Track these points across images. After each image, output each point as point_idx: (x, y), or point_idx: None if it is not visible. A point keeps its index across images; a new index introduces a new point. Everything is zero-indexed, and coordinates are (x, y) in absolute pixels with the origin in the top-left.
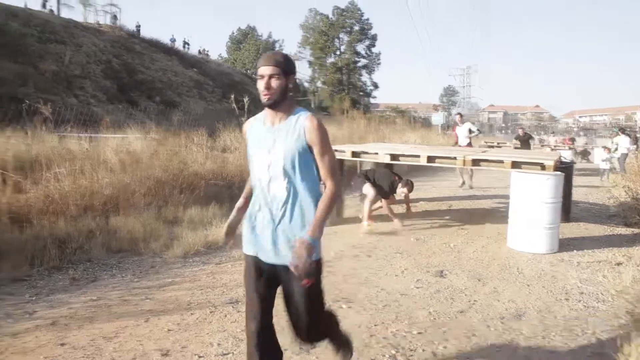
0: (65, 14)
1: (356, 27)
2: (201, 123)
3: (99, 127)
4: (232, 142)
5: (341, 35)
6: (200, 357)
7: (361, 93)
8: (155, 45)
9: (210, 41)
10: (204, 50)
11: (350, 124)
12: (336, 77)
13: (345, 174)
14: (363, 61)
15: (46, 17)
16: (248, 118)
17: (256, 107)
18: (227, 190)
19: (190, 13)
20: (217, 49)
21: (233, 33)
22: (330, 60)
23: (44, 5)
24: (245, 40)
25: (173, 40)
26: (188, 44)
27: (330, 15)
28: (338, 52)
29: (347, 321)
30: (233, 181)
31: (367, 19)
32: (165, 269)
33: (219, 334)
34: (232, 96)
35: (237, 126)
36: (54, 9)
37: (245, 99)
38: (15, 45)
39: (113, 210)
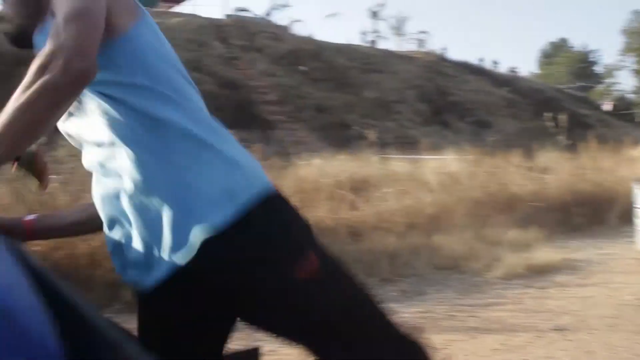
0: (382, 45)
1: None
2: (515, 142)
3: (417, 148)
4: (550, 162)
5: None
6: None
7: None
8: (464, 67)
9: (518, 57)
10: (513, 69)
11: None
12: None
13: None
14: None
15: (366, 50)
16: (566, 136)
17: (573, 125)
18: (549, 214)
19: (495, 28)
20: (525, 66)
21: (543, 47)
22: None
23: (363, 40)
24: (557, 53)
25: (481, 60)
26: (497, 64)
27: None
28: None
29: None
30: (553, 204)
31: None
32: (487, 288)
33: (546, 359)
34: (551, 114)
35: (553, 145)
36: (373, 40)
37: (561, 116)
38: (342, 77)
39: (435, 228)
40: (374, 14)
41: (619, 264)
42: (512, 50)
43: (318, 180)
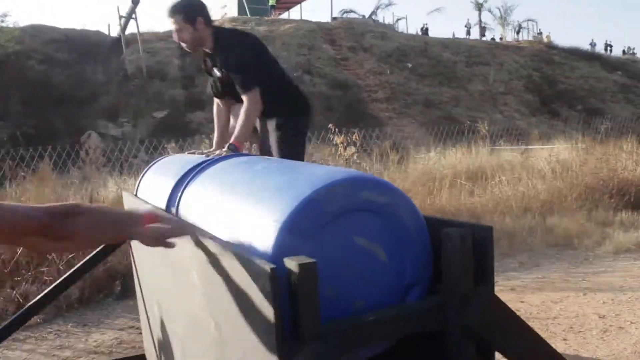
0: (487, 36)
1: None
2: (630, 129)
3: (525, 139)
4: None
5: None
6: (632, 322)
7: None
8: (574, 54)
9: (636, 36)
10: (629, 49)
11: None
12: None
13: None
14: None
15: (471, 43)
16: None
17: None
18: None
19: (609, 12)
20: None
21: None
22: None
23: (468, 32)
24: None
25: (593, 45)
26: (611, 46)
27: None
28: None
29: None
30: None
31: None
32: (598, 261)
33: None
34: None
35: None
36: (476, 34)
37: None
38: (448, 72)
39: (548, 211)
40: (479, 6)
41: None
42: (631, 29)
43: (438, 171)
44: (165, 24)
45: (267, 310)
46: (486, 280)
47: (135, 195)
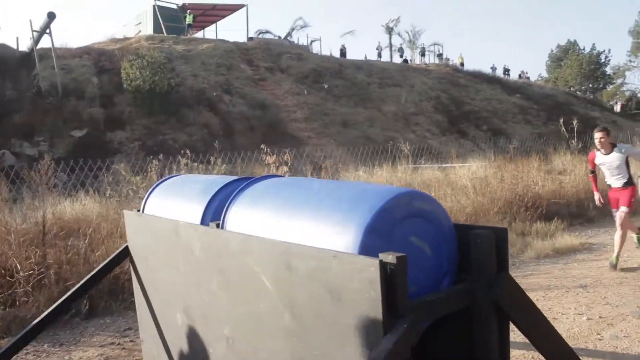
0: (398, 59)
1: None
2: (531, 148)
3: (441, 158)
4: (565, 165)
5: None
6: (562, 313)
7: None
8: (478, 77)
9: (528, 62)
10: (524, 74)
11: None
12: None
13: None
14: None
15: (383, 65)
16: (577, 140)
17: (585, 128)
18: (566, 208)
19: (505, 38)
20: (535, 69)
21: (552, 51)
22: None
23: (379, 55)
24: (565, 56)
25: (494, 69)
26: (508, 71)
27: None
28: None
29: None
30: (570, 201)
31: None
32: (523, 266)
33: (574, 303)
34: (562, 119)
35: (567, 149)
36: (387, 56)
37: (575, 122)
38: (363, 93)
39: (474, 224)
40: (389, 29)
41: (627, 244)
42: (523, 56)
43: None
44: (79, 40)
45: (373, 293)
46: (504, 267)
47: (142, 212)
